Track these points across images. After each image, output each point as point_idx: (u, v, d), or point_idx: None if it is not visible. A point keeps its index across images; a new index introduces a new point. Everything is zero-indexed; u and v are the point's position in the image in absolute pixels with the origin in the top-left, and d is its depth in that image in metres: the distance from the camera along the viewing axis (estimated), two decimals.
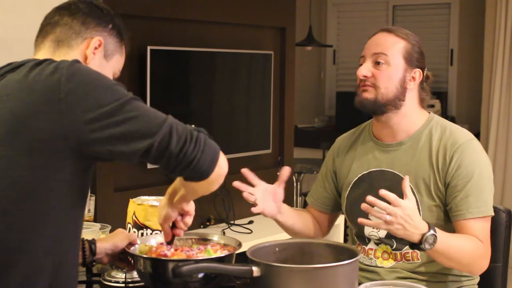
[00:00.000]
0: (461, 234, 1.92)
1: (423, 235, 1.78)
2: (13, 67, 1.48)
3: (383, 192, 1.76)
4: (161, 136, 1.38)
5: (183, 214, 1.67)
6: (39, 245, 1.41)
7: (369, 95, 1.99)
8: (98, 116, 1.37)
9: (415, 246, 1.81)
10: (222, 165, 1.46)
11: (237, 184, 1.95)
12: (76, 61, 1.45)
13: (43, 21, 1.58)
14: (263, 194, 1.99)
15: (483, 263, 1.94)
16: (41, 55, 1.55)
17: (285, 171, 1.98)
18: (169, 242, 1.70)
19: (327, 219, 2.24)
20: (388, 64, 1.98)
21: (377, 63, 1.99)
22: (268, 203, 2.00)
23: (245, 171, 1.96)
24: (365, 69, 2.00)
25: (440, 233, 1.82)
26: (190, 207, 1.66)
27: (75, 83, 1.39)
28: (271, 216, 2.04)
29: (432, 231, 1.79)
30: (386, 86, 1.98)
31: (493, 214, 1.95)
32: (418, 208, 1.95)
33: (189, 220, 1.68)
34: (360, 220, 1.81)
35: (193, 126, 1.45)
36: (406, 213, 1.75)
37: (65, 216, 1.44)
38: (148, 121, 1.39)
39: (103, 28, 1.58)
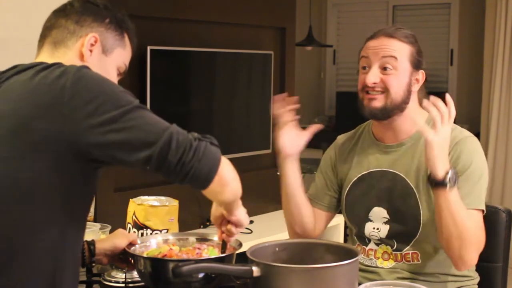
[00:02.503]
0: None
1: (448, 171, 1.80)
2: (20, 70, 1.49)
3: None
4: (160, 147, 1.37)
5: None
6: (39, 245, 1.41)
7: (378, 103, 1.97)
8: (99, 122, 1.37)
9: (436, 182, 1.81)
10: (225, 174, 1.44)
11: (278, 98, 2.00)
12: (84, 67, 1.45)
13: (43, 25, 1.59)
14: (286, 130, 2.02)
15: (474, 253, 1.88)
16: (41, 57, 1.56)
17: (317, 126, 2.01)
18: (222, 249, 1.73)
19: (323, 219, 2.17)
20: (396, 69, 1.96)
21: (384, 69, 1.97)
22: (287, 141, 2.02)
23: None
24: (373, 76, 1.97)
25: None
26: (233, 217, 1.65)
27: (79, 88, 1.39)
28: (286, 153, 2.03)
29: (455, 171, 1.81)
30: (396, 91, 1.97)
31: (483, 209, 1.91)
32: (419, 208, 1.95)
33: (231, 228, 1.69)
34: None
35: (196, 134, 1.44)
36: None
37: (66, 218, 1.44)
38: (148, 131, 1.39)
39: (99, 24, 1.57)
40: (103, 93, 1.40)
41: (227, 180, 1.46)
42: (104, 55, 1.58)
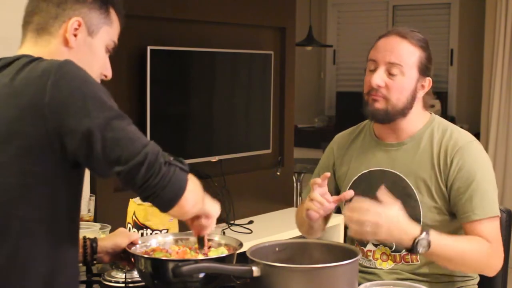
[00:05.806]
0: (466, 236, 1.91)
1: (415, 239, 1.75)
2: (3, 65, 1.46)
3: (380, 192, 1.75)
4: (131, 166, 1.36)
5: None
6: (32, 250, 1.40)
7: (380, 105, 1.96)
8: (80, 127, 1.35)
9: (409, 250, 1.79)
10: (186, 203, 1.44)
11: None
12: (66, 63, 1.40)
13: (24, 10, 1.54)
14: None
15: (493, 262, 1.90)
16: (25, 46, 1.52)
17: (349, 194, 1.86)
18: (200, 244, 1.74)
19: (322, 218, 2.14)
20: (403, 75, 1.94)
21: (390, 73, 1.94)
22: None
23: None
24: (378, 79, 1.94)
25: (437, 236, 1.79)
26: (204, 210, 1.63)
27: (60, 88, 1.36)
28: (313, 217, 1.93)
29: (424, 235, 1.76)
30: (398, 98, 1.95)
31: (499, 214, 1.94)
32: (419, 209, 1.95)
33: (201, 222, 1.68)
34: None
35: (167, 157, 1.41)
36: (380, 217, 1.71)
37: (57, 221, 1.43)
38: (125, 147, 1.37)
39: (81, 5, 1.51)
40: (84, 95, 1.36)
41: (187, 209, 1.46)
42: (90, 37, 1.52)
